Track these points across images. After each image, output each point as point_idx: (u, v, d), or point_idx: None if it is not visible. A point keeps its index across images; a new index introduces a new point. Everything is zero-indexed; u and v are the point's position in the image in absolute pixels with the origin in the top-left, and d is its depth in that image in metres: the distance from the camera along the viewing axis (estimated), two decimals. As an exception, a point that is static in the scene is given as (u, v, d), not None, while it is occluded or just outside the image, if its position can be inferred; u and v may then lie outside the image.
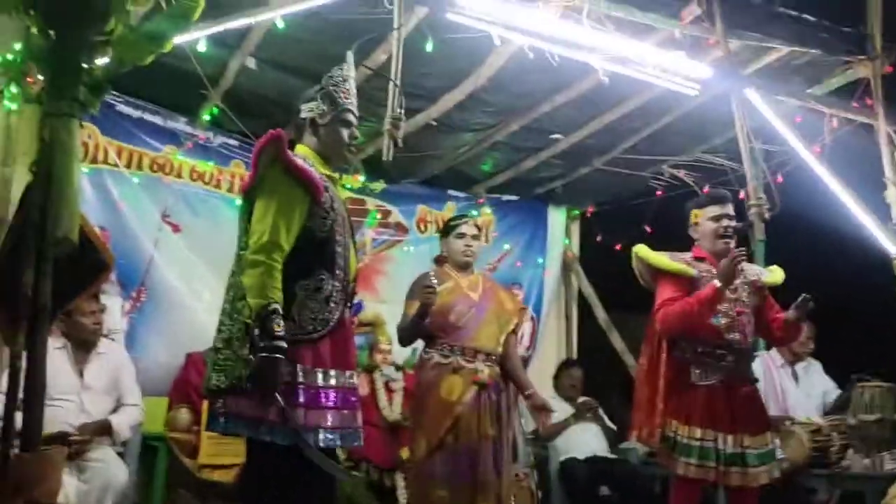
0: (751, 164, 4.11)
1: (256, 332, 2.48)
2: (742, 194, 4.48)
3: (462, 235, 4.02)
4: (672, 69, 4.20)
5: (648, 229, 6.03)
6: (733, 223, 3.65)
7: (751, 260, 3.96)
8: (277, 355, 2.46)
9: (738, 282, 3.58)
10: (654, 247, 3.75)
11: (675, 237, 3.89)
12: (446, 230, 4.11)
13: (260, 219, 2.59)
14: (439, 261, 4.14)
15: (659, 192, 6.14)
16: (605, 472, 5.32)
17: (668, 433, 3.47)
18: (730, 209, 3.68)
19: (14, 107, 4.57)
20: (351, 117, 2.86)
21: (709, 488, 5.03)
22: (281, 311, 2.51)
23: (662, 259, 3.63)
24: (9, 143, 4.59)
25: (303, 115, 2.85)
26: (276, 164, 2.63)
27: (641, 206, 6.26)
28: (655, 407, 3.51)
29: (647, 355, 3.65)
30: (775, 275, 3.75)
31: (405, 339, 3.94)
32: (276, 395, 2.48)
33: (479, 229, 4.18)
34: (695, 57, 4.22)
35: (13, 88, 4.52)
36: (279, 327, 2.48)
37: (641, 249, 3.70)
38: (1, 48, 4.38)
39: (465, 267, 4.04)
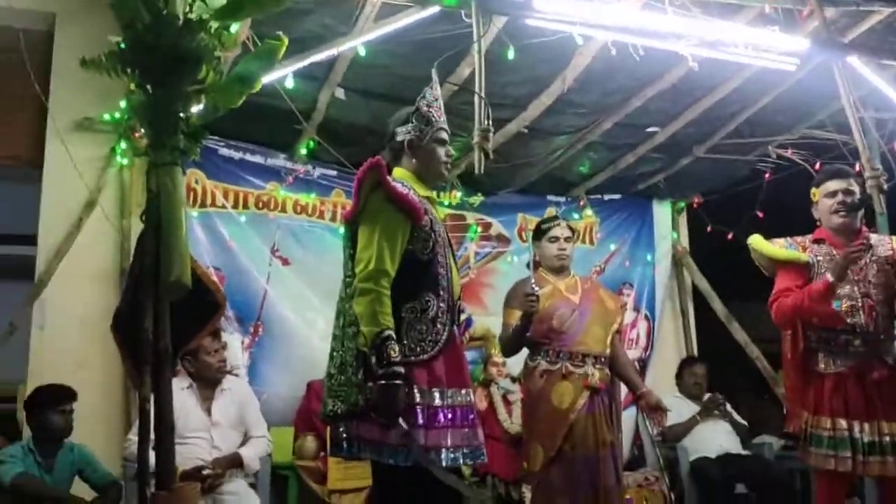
0: (861, 135, 3.88)
1: (373, 359, 2.52)
2: (857, 167, 4.26)
3: (555, 239, 3.97)
4: (766, 46, 4.03)
5: (760, 214, 5.81)
6: (851, 198, 3.46)
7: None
8: (396, 381, 2.50)
9: (864, 260, 3.39)
10: (769, 232, 3.63)
11: (788, 220, 3.74)
12: (538, 234, 4.06)
13: (365, 246, 2.64)
14: (534, 266, 4.08)
15: (767, 175, 5.91)
16: (740, 470, 5.14)
17: (801, 424, 3.36)
18: (849, 184, 3.50)
19: (125, 161, 4.83)
20: (445, 135, 2.89)
21: (857, 481, 4.83)
22: (395, 337, 2.55)
23: (773, 248, 3.53)
24: (124, 197, 4.84)
25: (398, 137, 2.88)
26: (377, 191, 2.67)
27: (750, 191, 6.05)
28: (796, 397, 3.39)
29: (788, 344, 3.50)
30: None
31: (508, 349, 3.91)
32: (399, 420, 2.51)
33: (573, 230, 4.10)
34: (789, 31, 4.03)
35: (123, 144, 4.82)
36: (395, 353, 2.52)
37: (755, 241, 3.59)
38: (109, 108, 4.69)
39: (560, 270, 3.99)
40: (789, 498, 5.06)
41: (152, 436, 2.38)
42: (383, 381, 2.49)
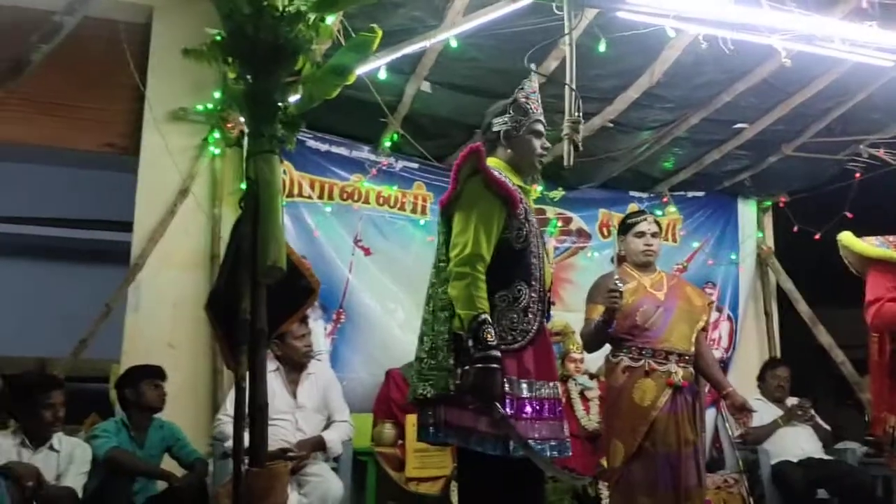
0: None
1: (470, 342, 2.54)
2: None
3: (641, 234, 3.91)
4: (862, 41, 3.91)
5: (849, 215, 5.64)
6: None
7: None
8: (493, 364, 2.51)
9: None
10: (858, 234, 3.52)
11: (879, 221, 3.63)
12: (624, 228, 3.99)
13: (461, 231, 2.66)
14: (619, 260, 4.04)
15: (858, 175, 5.74)
16: (822, 475, 5.03)
17: (887, 429, 3.25)
18: None
19: (217, 151, 4.98)
20: (541, 127, 2.90)
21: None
22: (491, 321, 2.57)
23: (867, 246, 3.41)
24: (216, 186, 4.99)
25: (495, 128, 2.90)
26: (475, 176, 2.70)
27: (839, 191, 5.87)
28: (883, 401, 3.29)
29: (875, 347, 3.41)
30: None
31: (591, 344, 3.87)
32: (496, 404, 2.52)
33: (660, 226, 4.04)
34: (888, 25, 3.91)
35: (216, 134, 4.97)
36: (491, 336, 2.54)
37: (846, 237, 3.48)
38: (203, 99, 4.84)
39: (646, 266, 3.92)
40: (872, 503, 4.93)
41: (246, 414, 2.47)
42: (480, 365, 2.50)
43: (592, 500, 4.78)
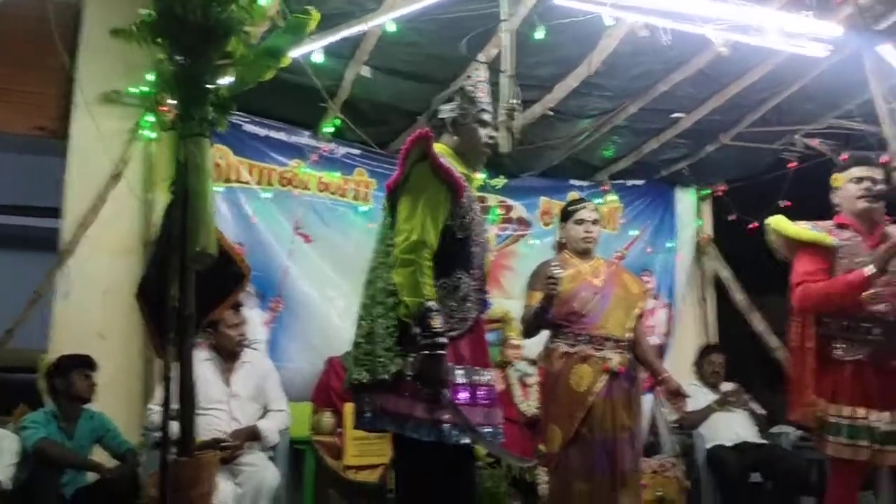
0: (891, 125, 3.84)
1: (416, 329, 2.52)
2: (883, 158, 4.21)
3: (581, 221, 3.94)
4: (798, 32, 3.98)
5: (784, 204, 5.76)
6: (878, 187, 3.43)
7: None
8: (440, 351, 2.50)
9: (883, 247, 3.36)
10: (792, 219, 3.58)
11: (813, 210, 3.68)
12: (565, 216, 4.03)
13: (408, 217, 2.63)
14: (559, 247, 4.08)
15: (792, 164, 5.86)
16: (756, 459, 5.12)
17: (816, 413, 3.31)
18: (875, 173, 3.46)
19: (151, 135, 4.86)
20: (488, 117, 2.89)
21: (871, 471, 4.80)
22: (437, 308, 2.55)
23: (799, 228, 3.45)
24: (150, 170, 4.87)
25: (441, 115, 2.88)
26: (423, 162, 2.67)
27: (775, 180, 5.98)
28: (805, 385, 3.34)
29: (794, 331, 3.47)
30: None
31: (529, 330, 3.89)
32: (444, 390, 2.51)
33: (599, 214, 4.07)
34: (822, 16, 3.98)
35: (149, 118, 4.84)
36: (438, 323, 2.52)
37: (776, 221, 3.52)
38: (136, 81, 4.72)
39: (585, 253, 3.96)
40: (805, 487, 5.04)
41: (174, 404, 2.41)
42: (428, 352, 2.49)
43: (529, 486, 4.82)
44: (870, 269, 3.21)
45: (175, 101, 2.67)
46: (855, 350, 3.31)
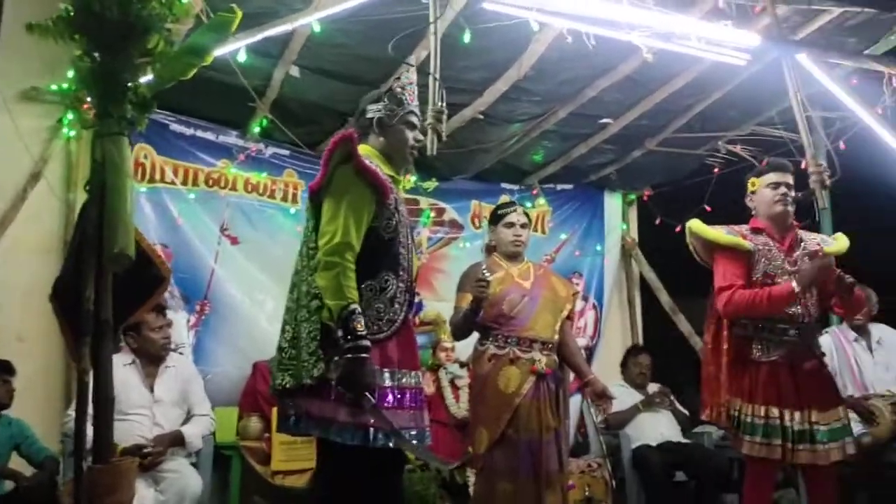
0: (807, 132, 3.97)
1: (339, 332, 2.50)
2: (803, 164, 4.35)
3: (511, 224, 3.97)
4: (719, 40, 4.09)
5: (708, 208, 5.91)
6: (792, 192, 3.54)
7: (814, 229, 3.84)
8: (363, 355, 2.48)
9: (797, 253, 3.47)
10: (712, 224, 3.66)
11: (735, 215, 3.77)
12: (494, 219, 4.06)
13: (331, 219, 2.61)
14: (489, 250, 4.10)
15: (716, 170, 6.01)
16: (680, 458, 5.22)
17: (732, 412, 3.39)
18: (789, 178, 3.57)
19: (72, 133, 4.73)
20: (415, 119, 2.88)
21: (788, 469, 4.95)
22: (360, 311, 2.53)
23: (717, 233, 3.53)
24: (70, 170, 4.74)
25: (368, 115, 2.86)
26: (347, 164, 2.65)
27: (699, 185, 6.13)
28: (720, 385, 3.42)
29: (710, 333, 3.56)
30: (840, 243, 3.60)
31: (459, 332, 3.91)
32: (367, 394, 2.49)
33: (529, 217, 4.11)
34: (742, 26, 4.10)
35: (70, 116, 4.71)
36: (361, 326, 2.50)
37: (695, 224, 3.61)
38: (57, 78, 4.58)
39: (515, 256, 3.99)
40: (727, 485, 5.16)
41: (91, 409, 2.35)
42: (351, 355, 2.47)
43: (459, 487, 4.82)
44: (796, 286, 3.31)
45: (92, 99, 2.61)
46: (771, 351, 3.40)
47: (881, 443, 4.24)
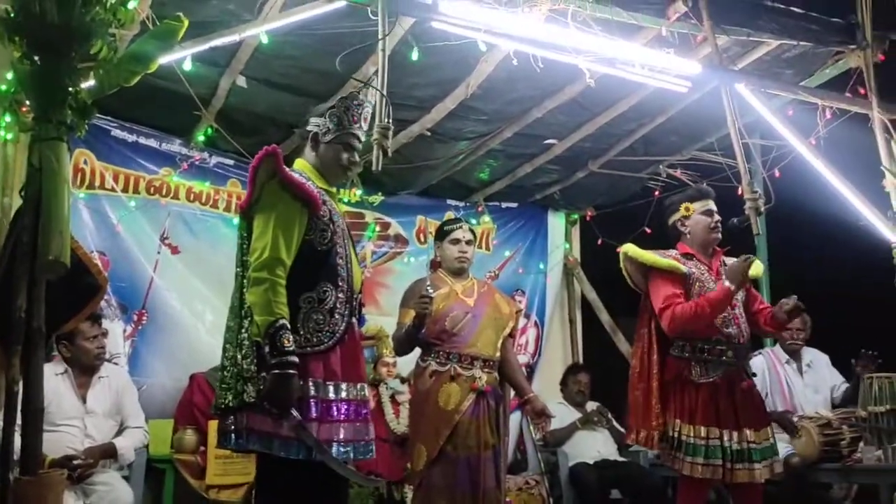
0: (744, 159, 4.09)
1: (266, 348, 2.49)
2: (739, 190, 4.46)
3: (456, 241, 3.99)
4: (661, 68, 4.18)
5: (648, 230, 6.01)
6: (719, 219, 3.66)
7: (741, 252, 3.94)
8: (289, 371, 2.47)
9: (736, 262, 3.56)
10: (656, 247, 3.73)
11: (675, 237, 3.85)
12: (440, 235, 4.07)
13: (260, 235, 2.61)
14: (433, 265, 4.12)
15: (657, 193, 6.12)
16: (615, 476, 5.29)
17: (671, 434, 3.43)
18: (714, 205, 3.69)
19: (9, 136, 4.60)
20: (355, 142, 2.87)
21: (720, 488, 5.05)
22: (289, 326, 2.52)
23: (653, 256, 3.60)
24: (6, 174, 4.61)
25: (308, 128, 2.87)
26: (273, 179, 2.64)
27: (640, 207, 6.22)
28: (650, 409, 3.47)
29: (637, 356, 3.62)
30: (756, 268, 3.70)
31: (401, 348, 3.91)
32: (292, 410, 2.48)
33: (474, 234, 4.14)
34: (684, 55, 4.20)
35: (7, 118, 4.58)
36: (289, 342, 2.49)
37: (630, 249, 3.68)
38: (-5, 80, 4.46)
39: (459, 272, 4.01)
40: (661, 503, 5.24)
41: (19, 420, 2.30)
42: (277, 371, 2.45)
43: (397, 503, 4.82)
44: (729, 283, 3.41)
45: (30, 102, 2.57)
46: (710, 372, 3.48)
47: (808, 463, 4.35)
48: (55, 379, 3.75)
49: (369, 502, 4.74)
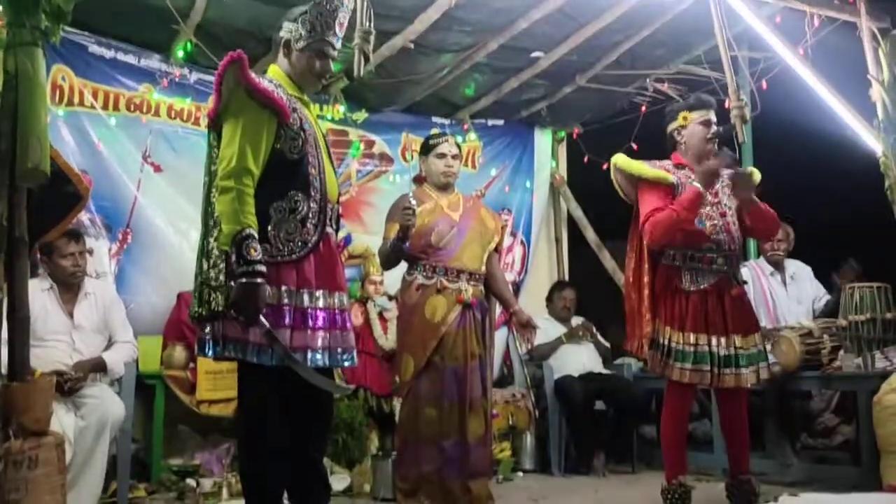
0: (731, 69, 4.04)
1: (234, 257, 2.48)
2: (727, 103, 4.43)
3: (442, 155, 3.97)
4: (649, -25, 4.11)
5: (635, 146, 5.98)
6: (717, 129, 3.63)
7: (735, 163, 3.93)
8: (257, 280, 2.46)
9: (717, 186, 3.57)
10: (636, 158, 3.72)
11: (661, 152, 3.84)
12: (426, 149, 4.04)
13: (227, 144, 2.57)
14: (418, 180, 4.10)
15: (643, 108, 6.08)
16: (600, 388, 5.37)
17: (661, 340, 3.48)
18: (714, 116, 3.65)
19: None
20: (328, 49, 2.80)
21: (703, 400, 5.16)
22: (256, 236, 2.50)
23: (642, 167, 3.60)
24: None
25: (281, 34, 2.81)
26: (239, 87, 2.59)
27: (627, 123, 6.18)
28: (642, 317, 3.51)
29: (630, 267, 3.64)
30: (754, 175, 3.70)
31: (387, 262, 3.92)
32: (261, 317, 2.49)
33: (460, 149, 4.11)
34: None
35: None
36: (255, 251, 2.48)
37: (620, 159, 3.67)
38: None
39: (445, 187, 4.00)
40: (645, 416, 5.36)
41: (4, 329, 2.30)
42: (244, 280, 2.45)
43: (386, 416, 4.91)
44: (698, 185, 3.42)
45: (2, 7, 2.51)
46: (700, 280, 3.51)
47: (789, 371, 4.44)
48: (41, 295, 3.74)
49: (359, 415, 4.83)
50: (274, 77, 2.76)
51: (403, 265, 3.96)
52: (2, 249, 2.28)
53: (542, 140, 6.87)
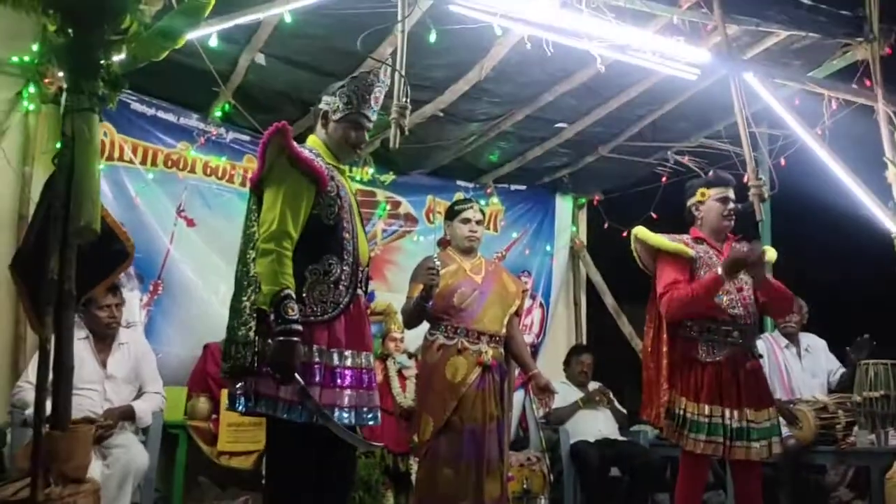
0: (750, 147, 4.17)
1: (272, 317, 2.59)
2: (745, 178, 4.54)
3: (467, 220, 4.10)
4: (671, 55, 4.27)
5: (654, 216, 6.09)
6: (736, 206, 3.74)
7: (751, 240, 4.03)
8: (294, 338, 2.57)
9: (731, 254, 3.65)
10: (656, 231, 3.82)
11: (680, 223, 3.95)
12: (451, 214, 4.18)
13: (269, 208, 2.71)
14: (443, 244, 4.23)
15: (664, 179, 6.20)
16: (616, 454, 5.39)
17: (676, 411, 3.53)
18: (732, 193, 3.77)
19: (32, 107, 4.71)
20: (364, 121, 2.94)
21: (717, 471, 5.17)
22: (294, 296, 2.62)
23: (662, 239, 3.70)
24: (28, 143, 4.72)
25: (320, 105, 2.97)
26: (282, 155, 2.73)
27: (647, 192, 6.30)
28: (660, 386, 3.58)
29: (649, 336, 3.72)
30: (770, 253, 3.80)
31: (409, 321, 4.03)
32: (295, 375, 2.59)
33: (484, 215, 4.25)
34: (694, 43, 4.28)
35: (31, 89, 4.69)
36: (293, 311, 2.59)
37: (640, 231, 3.77)
38: (18, 51, 4.55)
39: (468, 251, 4.12)
40: (659, 482, 5.36)
41: (32, 373, 2.39)
42: (282, 338, 2.56)
43: (403, 475, 4.94)
44: (720, 271, 3.50)
45: (63, 74, 2.65)
46: (716, 352, 3.58)
47: (804, 445, 4.46)
48: (77, 343, 3.78)
49: (375, 473, 4.87)
50: (313, 146, 2.91)
51: (425, 324, 4.06)
52: (51, 302, 2.39)
53: (563, 206, 7.00)
